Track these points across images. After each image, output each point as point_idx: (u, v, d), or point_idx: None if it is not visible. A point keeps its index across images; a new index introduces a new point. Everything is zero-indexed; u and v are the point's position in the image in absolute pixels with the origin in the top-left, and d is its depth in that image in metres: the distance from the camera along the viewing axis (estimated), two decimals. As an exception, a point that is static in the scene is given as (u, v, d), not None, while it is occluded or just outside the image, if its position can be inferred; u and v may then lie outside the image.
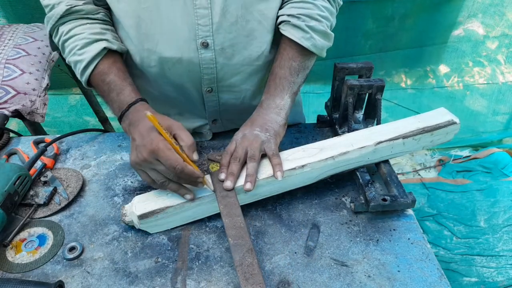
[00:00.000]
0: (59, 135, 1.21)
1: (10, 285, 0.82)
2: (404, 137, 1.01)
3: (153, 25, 1.00)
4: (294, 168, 0.96)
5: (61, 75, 2.17)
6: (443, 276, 0.86)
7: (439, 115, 1.06)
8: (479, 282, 2.04)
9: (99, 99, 2.28)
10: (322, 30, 1.05)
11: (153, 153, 0.86)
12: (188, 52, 1.03)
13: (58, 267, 0.90)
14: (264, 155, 0.99)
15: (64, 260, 0.91)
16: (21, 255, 0.92)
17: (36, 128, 1.63)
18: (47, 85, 1.62)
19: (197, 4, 0.97)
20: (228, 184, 0.93)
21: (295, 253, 0.92)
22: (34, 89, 1.55)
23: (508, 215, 2.30)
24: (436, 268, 0.88)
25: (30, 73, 1.58)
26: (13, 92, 1.50)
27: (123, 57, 1.08)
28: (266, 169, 0.97)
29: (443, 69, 2.65)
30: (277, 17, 1.06)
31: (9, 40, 1.69)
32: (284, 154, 1.01)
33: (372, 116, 1.16)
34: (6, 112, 1.44)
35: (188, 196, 0.91)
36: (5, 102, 1.47)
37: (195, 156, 0.90)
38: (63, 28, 1.01)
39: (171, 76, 1.09)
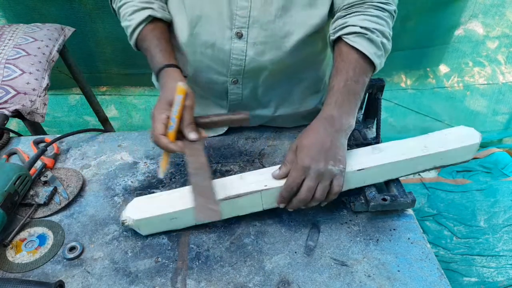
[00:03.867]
0: (59, 135, 1.21)
1: (10, 285, 0.82)
2: (414, 173, 1.01)
3: (195, 7, 1.05)
4: None
5: (61, 75, 2.18)
6: (443, 276, 0.86)
7: (459, 140, 1.01)
8: (479, 282, 2.04)
9: (99, 99, 2.29)
10: (389, 50, 1.02)
11: (151, 119, 0.95)
12: (221, 39, 1.06)
13: (58, 267, 0.90)
14: None
15: (64, 260, 0.91)
16: (21, 255, 0.92)
17: (36, 128, 1.63)
18: (47, 85, 1.62)
19: (239, 6, 1.00)
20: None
21: (295, 252, 0.92)
22: (34, 89, 1.55)
23: (508, 215, 2.30)
24: (436, 267, 0.88)
25: (30, 73, 1.58)
26: (13, 92, 1.50)
27: (169, 25, 1.14)
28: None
29: (443, 69, 2.65)
30: (344, 27, 0.99)
31: (9, 40, 1.69)
32: None
33: (372, 116, 1.16)
34: (6, 112, 1.44)
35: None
36: (5, 102, 1.47)
37: (191, 136, 0.93)
38: None
39: (202, 59, 1.12)
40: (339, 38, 1.01)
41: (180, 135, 0.94)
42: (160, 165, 0.97)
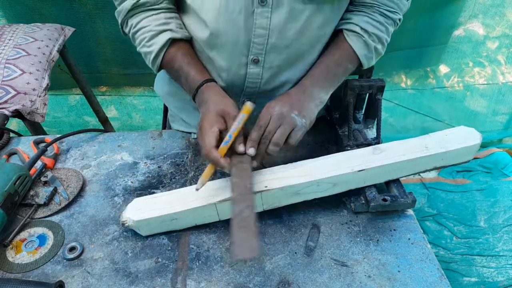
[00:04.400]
0: (60, 135, 1.21)
1: (10, 285, 0.82)
2: (415, 173, 1.01)
3: (213, 35, 1.01)
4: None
5: (61, 75, 2.17)
6: (443, 277, 0.86)
7: (459, 141, 1.01)
8: (479, 282, 2.04)
9: (99, 99, 2.28)
10: (380, 54, 1.08)
11: (199, 131, 0.94)
12: (237, 65, 1.05)
13: (58, 267, 0.90)
14: None
15: (64, 260, 0.91)
16: (21, 255, 0.92)
17: (36, 128, 1.63)
18: (47, 85, 1.62)
19: (257, 24, 0.97)
20: (252, 151, 0.93)
21: (295, 253, 0.92)
22: (34, 89, 1.55)
23: (508, 215, 2.30)
24: (437, 268, 0.88)
25: (30, 73, 1.58)
26: (13, 92, 1.50)
27: (190, 41, 1.10)
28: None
29: (443, 69, 2.65)
30: (348, 22, 1.05)
31: (9, 40, 1.69)
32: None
33: (372, 117, 1.16)
34: (6, 112, 1.44)
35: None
36: (5, 102, 1.47)
37: (240, 148, 0.93)
38: (131, 21, 1.05)
39: (216, 80, 1.09)
40: (340, 29, 1.06)
41: (228, 151, 0.94)
42: (202, 176, 0.92)
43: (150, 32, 1.03)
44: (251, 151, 0.92)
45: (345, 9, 1.05)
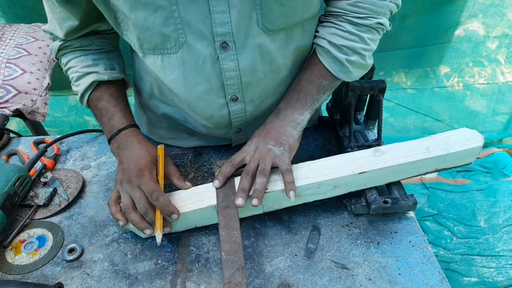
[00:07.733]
0: (60, 136, 1.21)
1: (9, 286, 0.82)
2: (419, 175, 1.00)
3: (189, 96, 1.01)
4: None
5: (61, 75, 2.16)
6: (445, 280, 0.86)
7: (461, 143, 0.99)
8: (479, 282, 2.04)
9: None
10: (362, 64, 0.99)
11: (137, 178, 0.92)
12: (218, 107, 1.02)
13: (58, 268, 0.90)
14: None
15: (64, 262, 0.91)
16: (20, 257, 0.92)
17: (37, 128, 1.63)
18: (48, 84, 1.62)
19: (225, 68, 0.93)
20: (240, 201, 0.88)
21: (296, 255, 0.92)
22: (35, 89, 1.55)
23: (508, 215, 2.30)
24: (438, 271, 0.88)
25: (31, 72, 1.58)
26: (14, 92, 1.50)
27: (123, 81, 1.11)
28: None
29: (443, 69, 2.64)
30: (315, 35, 1.01)
31: (10, 39, 1.68)
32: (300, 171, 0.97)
33: (373, 118, 1.15)
34: (7, 112, 1.44)
35: (148, 232, 0.90)
36: (6, 101, 1.47)
37: (188, 183, 0.98)
38: (63, 60, 1.07)
39: (204, 126, 1.11)
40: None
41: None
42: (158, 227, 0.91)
43: (77, 73, 1.04)
44: (240, 201, 0.89)
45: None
